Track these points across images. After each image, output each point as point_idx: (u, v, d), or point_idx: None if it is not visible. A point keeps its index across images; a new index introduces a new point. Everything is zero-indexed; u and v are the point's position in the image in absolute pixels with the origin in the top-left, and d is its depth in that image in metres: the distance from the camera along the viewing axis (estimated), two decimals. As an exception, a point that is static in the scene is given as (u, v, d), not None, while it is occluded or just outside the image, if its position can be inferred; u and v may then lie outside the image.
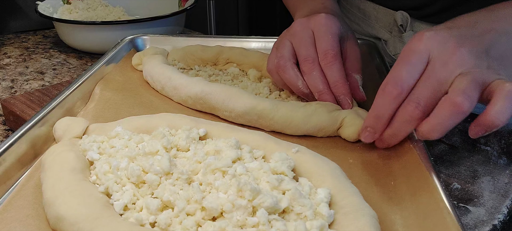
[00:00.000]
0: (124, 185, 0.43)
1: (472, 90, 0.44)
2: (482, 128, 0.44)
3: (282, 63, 0.58)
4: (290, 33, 0.60)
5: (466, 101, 0.43)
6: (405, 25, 0.77)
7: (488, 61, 0.46)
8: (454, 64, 0.45)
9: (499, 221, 0.48)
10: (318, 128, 0.55)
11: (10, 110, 0.68)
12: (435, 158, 0.58)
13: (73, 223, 0.38)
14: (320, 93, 0.57)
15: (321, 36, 0.58)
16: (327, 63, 0.57)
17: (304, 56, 0.58)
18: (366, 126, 0.50)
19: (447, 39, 0.47)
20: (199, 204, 0.40)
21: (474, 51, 0.46)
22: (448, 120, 0.44)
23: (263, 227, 0.37)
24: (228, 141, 0.47)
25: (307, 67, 0.57)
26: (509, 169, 0.56)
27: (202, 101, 0.60)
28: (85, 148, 0.48)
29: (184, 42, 0.77)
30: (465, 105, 0.43)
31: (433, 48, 0.46)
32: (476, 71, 0.45)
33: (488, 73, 0.45)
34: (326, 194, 0.42)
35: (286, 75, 0.58)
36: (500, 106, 0.43)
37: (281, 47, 0.60)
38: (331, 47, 0.57)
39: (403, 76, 0.46)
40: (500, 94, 0.43)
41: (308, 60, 0.57)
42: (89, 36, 0.96)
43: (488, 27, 0.48)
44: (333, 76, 0.56)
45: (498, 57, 0.46)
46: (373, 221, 0.39)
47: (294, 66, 0.58)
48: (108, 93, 0.64)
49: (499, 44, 0.47)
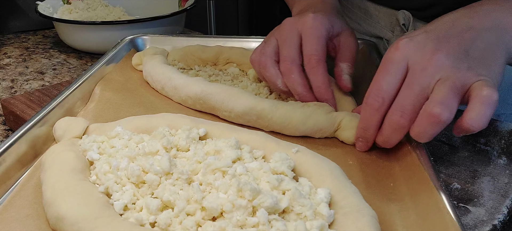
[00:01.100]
0: (124, 185, 0.43)
1: (451, 99, 0.44)
2: (461, 130, 0.45)
3: (263, 60, 0.59)
4: (278, 31, 0.61)
5: (444, 112, 0.43)
6: (407, 24, 0.77)
7: (468, 62, 0.46)
8: (433, 68, 0.45)
9: (499, 221, 0.48)
10: (316, 129, 0.55)
11: (10, 110, 0.68)
12: (435, 158, 0.58)
13: (73, 223, 0.38)
14: (299, 95, 0.57)
15: (306, 39, 0.58)
16: (311, 68, 0.57)
17: (284, 56, 0.58)
18: (358, 137, 0.52)
19: (424, 44, 0.47)
20: (199, 204, 0.40)
21: (452, 52, 0.46)
22: (429, 130, 0.45)
23: (263, 227, 0.37)
24: (228, 141, 0.48)
25: (285, 68, 0.58)
26: (509, 169, 0.56)
27: (202, 102, 0.60)
28: (85, 148, 0.48)
29: (184, 42, 0.77)
30: (443, 116, 0.43)
31: (411, 54, 0.47)
32: (455, 76, 0.45)
33: (468, 75, 0.45)
34: (326, 194, 0.42)
35: (267, 73, 0.59)
36: (475, 112, 0.43)
37: (267, 43, 0.60)
38: (315, 51, 0.57)
39: (383, 87, 0.47)
40: (476, 99, 0.43)
41: (286, 61, 0.57)
42: (89, 36, 0.96)
43: (466, 25, 0.48)
44: (316, 81, 0.57)
45: (479, 55, 0.46)
46: (373, 221, 0.39)
47: (275, 64, 0.59)
48: (108, 93, 0.64)
49: (479, 42, 0.47)
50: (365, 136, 0.51)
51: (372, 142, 0.51)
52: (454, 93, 0.44)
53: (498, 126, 0.65)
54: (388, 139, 0.49)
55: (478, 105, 0.43)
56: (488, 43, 0.47)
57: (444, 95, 0.44)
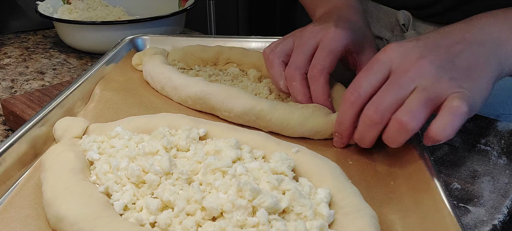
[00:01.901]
0: (124, 185, 0.43)
1: (421, 109, 0.45)
2: (429, 139, 0.45)
3: (271, 57, 0.60)
4: (299, 34, 0.61)
5: (411, 121, 0.44)
6: (407, 24, 0.77)
7: (452, 72, 0.46)
8: (414, 73, 0.46)
9: (499, 221, 0.48)
10: (315, 131, 0.55)
11: (10, 110, 0.68)
12: (435, 158, 0.58)
13: (73, 223, 0.38)
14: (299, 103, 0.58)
15: (319, 49, 0.58)
16: (312, 76, 0.57)
17: (291, 61, 0.59)
18: (334, 131, 0.53)
19: (411, 50, 0.47)
20: (199, 204, 0.40)
21: (437, 61, 0.46)
22: (397, 136, 0.46)
23: (263, 227, 0.37)
24: (228, 141, 0.48)
25: (288, 73, 0.58)
26: (509, 169, 0.56)
27: (202, 102, 0.60)
28: (85, 148, 0.48)
29: (184, 42, 0.77)
30: (411, 125, 0.44)
31: (396, 58, 0.48)
32: (433, 85, 0.45)
33: (447, 85, 0.45)
34: (326, 194, 0.42)
35: (272, 71, 0.60)
36: (441, 122, 0.44)
37: (283, 42, 0.61)
38: (322, 61, 0.57)
39: (361, 83, 0.48)
40: (444, 110, 0.44)
41: (291, 66, 0.58)
42: (89, 36, 0.96)
43: (459, 37, 0.48)
44: (315, 92, 0.57)
45: (465, 67, 0.46)
46: (373, 221, 0.39)
47: (281, 65, 0.59)
48: (108, 93, 0.64)
49: (468, 53, 0.47)
50: (340, 130, 0.52)
51: (347, 138, 0.52)
52: (425, 104, 0.45)
53: (498, 125, 0.65)
54: (362, 135, 0.49)
55: (445, 116, 0.44)
56: (478, 57, 0.47)
57: (415, 105, 0.45)
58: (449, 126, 0.43)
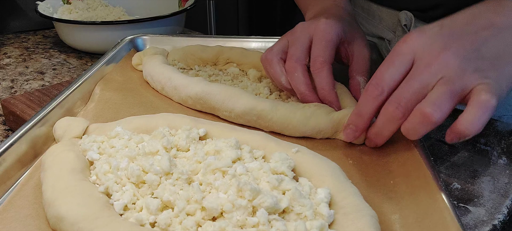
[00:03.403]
0: (124, 185, 0.43)
1: (446, 101, 0.43)
2: (455, 135, 0.44)
3: (269, 57, 0.60)
4: (291, 33, 0.61)
5: (435, 113, 0.43)
6: (409, 25, 0.77)
7: (477, 62, 0.44)
8: (437, 66, 0.44)
9: (499, 221, 0.48)
10: (317, 130, 0.55)
11: (10, 110, 0.68)
12: (435, 158, 0.58)
13: (73, 223, 0.38)
14: (302, 95, 0.57)
15: (316, 42, 0.58)
16: (315, 69, 0.57)
17: (290, 55, 0.58)
18: (349, 123, 0.51)
19: (434, 40, 0.46)
20: (199, 204, 0.40)
21: (462, 52, 0.44)
22: (419, 128, 0.45)
23: (263, 227, 0.37)
24: (228, 141, 0.47)
25: (289, 66, 0.58)
26: (509, 169, 0.56)
27: (202, 101, 0.60)
28: (85, 148, 0.48)
29: (184, 42, 0.77)
30: (434, 117, 0.43)
31: (418, 49, 0.46)
32: (458, 78, 0.44)
33: (472, 77, 0.44)
34: (326, 194, 0.42)
35: (271, 69, 0.60)
36: (471, 116, 0.42)
37: (277, 43, 0.61)
38: (322, 53, 0.57)
39: (384, 77, 0.47)
40: (473, 104, 0.43)
41: (291, 59, 0.58)
42: (89, 36, 0.96)
43: (487, 22, 0.46)
44: (320, 83, 0.57)
45: (492, 55, 0.45)
46: (373, 221, 0.39)
47: (280, 62, 0.59)
48: (108, 93, 0.64)
49: (496, 41, 0.45)
50: (356, 122, 0.50)
51: (361, 131, 0.51)
52: (450, 96, 0.43)
53: (498, 126, 0.65)
54: (380, 131, 0.49)
55: (474, 110, 0.42)
56: (506, 44, 0.45)
57: (439, 96, 0.44)
58: (478, 120, 0.42)
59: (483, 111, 0.42)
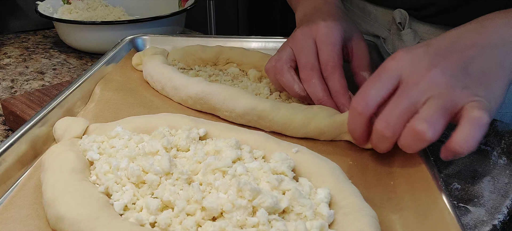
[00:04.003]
0: (124, 185, 0.43)
1: (438, 118, 0.43)
2: (449, 153, 0.44)
3: (278, 66, 0.59)
4: (292, 41, 0.61)
5: (429, 131, 0.43)
6: (403, 23, 0.77)
7: (465, 80, 0.44)
8: (426, 84, 0.44)
9: (499, 221, 0.48)
10: (318, 132, 0.55)
11: (10, 110, 0.68)
12: (435, 158, 0.58)
13: (73, 223, 0.38)
14: (320, 101, 0.58)
15: (322, 47, 0.58)
16: (328, 74, 0.58)
17: (304, 63, 0.58)
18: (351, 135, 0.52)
19: (421, 58, 0.46)
20: (199, 204, 0.40)
21: (449, 70, 0.44)
22: (413, 145, 0.44)
23: (263, 227, 0.37)
24: (228, 141, 0.47)
25: (306, 74, 0.58)
26: (509, 169, 0.56)
27: (202, 102, 0.60)
28: (85, 148, 0.48)
29: (184, 42, 0.77)
30: (428, 134, 0.43)
31: (405, 67, 0.46)
32: (447, 94, 0.43)
33: (461, 94, 0.43)
34: (326, 194, 0.42)
35: (283, 79, 0.59)
36: (464, 134, 0.42)
37: (282, 52, 0.61)
38: (331, 57, 0.57)
39: (369, 91, 0.47)
40: (465, 121, 0.42)
41: (307, 67, 0.58)
42: (89, 36, 0.96)
43: (471, 41, 0.46)
44: (334, 87, 0.57)
45: (478, 74, 0.45)
46: (373, 221, 0.39)
47: (290, 70, 0.59)
48: (108, 93, 0.64)
49: (481, 60, 0.45)
50: (354, 137, 0.51)
51: (364, 142, 0.51)
52: (442, 113, 0.43)
53: (498, 126, 0.65)
54: (376, 146, 0.49)
55: (467, 127, 0.42)
56: (491, 62, 0.45)
57: (431, 113, 0.43)
58: (471, 138, 0.42)
59: (476, 129, 0.42)
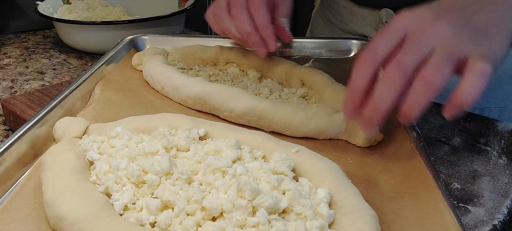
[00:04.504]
0: (124, 185, 0.43)
1: (445, 65, 0.43)
2: (454, 107, 0.44)
3: (218, 13, 0.65)
4: None
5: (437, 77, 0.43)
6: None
7: (469, 32, 0.45)
8: (432, 32, 0.45)
9: (499, 221, 0.48)
10: (318, 131, 0.55)
11: (10, 110, 0.68)
12: (435, 158, 0.58)
13: (73, 223, 0.38)
14: (247, 34, 0.64)
15: None
16: (254, 9, 0.63)
17: (234, 2, 0.64)
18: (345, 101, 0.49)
19: (424, 14, 0.46)
20: (199, 204, 0.40)
21: (452, 22, 0.45)
22: (421, 97, 0.44)
23: (263, 227, 0.37)
24: (228, 141, 0.47)
25: (236, 12, 0.64)
26: (509, 169, 0.56)
27: (202, 102, 0.60)
28: (85, 148, 0.48)
29: (184, 42, 0.77)
30: (436, 80, 0.43)
31: (410, 22, 0.47)
32: (453, 44, 0.44)
33: (467, 45, 0.44)
34: (326, 194, 0.42)
35: (222, 23, 0.65)
36: (469, 85, 0.43)
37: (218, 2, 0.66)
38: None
39: (377, 45, 0.46)
40: (470, 72, 0.43)
41: (236, 6, 0.64)
42: (89, 36, 0.96)
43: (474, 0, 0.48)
44: (259, 21, 0.63)
45: (482, 26, 0.46)
46: (373, 221, 0.39)
47: (228, 15, 0.65)
48: (108, 93, 0.64)
49: (483, 13, 0.46)
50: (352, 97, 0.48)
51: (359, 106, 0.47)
52: (448, 62, 0.44)
53: (498, 125, 0.65)
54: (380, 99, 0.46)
55: (472, 78, 0.43)
56: (493, 16, 0.46)
57: (438, 61, 0.43)
58: (476, 88, 0.42)
59: (480, 79, 0.43)
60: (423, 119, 0.67)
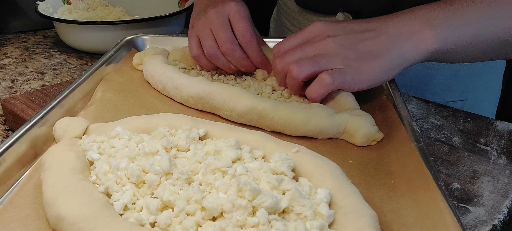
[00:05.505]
0: (124, 185, 0.43)
1: (308, 66, 0.56)
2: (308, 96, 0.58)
3: (212, 52, 0.66)
4: (208, 21, 0.66)
5: (295, 69, 0.56)
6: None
7: (349, 52, 0.56)
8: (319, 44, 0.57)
9: (499, 221, 0.48)
10: (318, 130, 0.55)
11: (10, 110, 0.68)
12: (435, 158, 0.58)
13: (73, 223, 0.38)
14: (246, 68, 0.67)
15: (237, 22, 0.65)
16: (246, 43, 0.65)
17: (224, 39, 0.65)
18: None
19: (327, 28, 0.58)
20: (199, 204, 0.40)
21: (341, 41, 0.57)
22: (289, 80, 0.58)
23: (263, 227, 0.37)
24: (228, 141, 0.48)
25: (228, 48, 0.65)
26: (509, 169, 0.56)
27: (203, 101, 0.60)
28: (85, 148, 0.48)
29: (184, 42, 0.77)
30: (293, 71, 0.56)
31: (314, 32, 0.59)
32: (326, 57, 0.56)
33: (337, 61, 0.56)
34: (326, 194, 0.42)
35: (219, 63, 0.67)
36: (311, 87, 0.56)
37: (205, 37, 0.66)
38: (247, 29, 0.65)
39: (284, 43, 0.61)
40: (316, 79, 0.56)
41: (227, 42, 0.65)
42: (89, 36, 0.96)
43: (372, 27, 0.57)
44: (253, 54, 0.66)
45: (364, 51, 0.56)
46: (373, 221, 0.39)
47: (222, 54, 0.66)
48: (109, 93, 0.64)
49: (372, 41, 0.56)
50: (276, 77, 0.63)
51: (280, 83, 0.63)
52: (312, 64, 0.56)
53: (498, 125, 0.65)
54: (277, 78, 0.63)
55: (314, 83, 0.56)
56: (381, 46, 0.56)
57: (305, 61, 0.56)
58: (315, 91, 0.56)
59: (318, 85, 0.56)
60: (423, 118, 0.67)
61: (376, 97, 0.64)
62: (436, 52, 0.55)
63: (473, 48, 0.56)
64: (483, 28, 0.55)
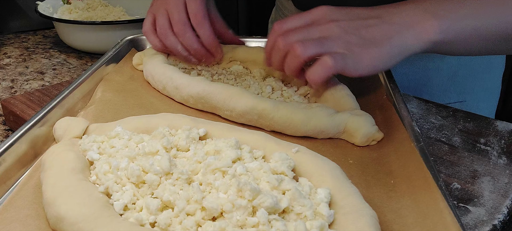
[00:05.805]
0: (124, 185, 0.43)
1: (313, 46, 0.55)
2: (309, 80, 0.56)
3: (163, 31, 0.66)
4: (165, 1, 0.67)
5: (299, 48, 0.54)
6: None
7: (351, 37, 0.55)
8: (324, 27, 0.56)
9: (499, 221, 0.48)
10: (318, 130, 0.55)
11: (10, 110, 0.68)
12: (435, 158, 0.58)
13: (73, 223, 0.38)
14: (195, 51, 0.66)
15: (190, 2, 0.66)
16: (197, 23, 0.65)
17: (176, 19, 0.65)
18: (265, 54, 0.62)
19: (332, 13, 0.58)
20: (199, 204, 0.40)
21: (344, 26, 0.56)
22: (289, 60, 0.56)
23: (263, 227, 0.37)
24: (228, 141, 0.47)
25: (179, 29, 0.65)
26: (509, 169, 0.56)
27: (203, 101, 0.60)
28: (85, 148, 0.48)
29: (184, 42, 0.77)
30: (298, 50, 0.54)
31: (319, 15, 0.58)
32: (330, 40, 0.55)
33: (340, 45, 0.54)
34: (326, 194, 0.42)
35: (167, 42, 0.67)
36: (312, 69, 0.55)
37: (160, 15, 0.67)
38: (199, 9, 0.65)
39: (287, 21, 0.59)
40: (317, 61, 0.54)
41: (179, 23, 0.65)
42: (89, 36, 0.96)
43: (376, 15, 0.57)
44: (204, 35, 0.66)
45: (367, 37, 0.55)
46: (373, 221, 0.39)
47: (172, 33, 0.66)
48: (109, 93, 0.64)
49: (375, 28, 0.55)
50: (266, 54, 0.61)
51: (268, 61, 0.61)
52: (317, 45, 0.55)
53: (498, 125, 0.65)
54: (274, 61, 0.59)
55: (315, 65, 0.54)
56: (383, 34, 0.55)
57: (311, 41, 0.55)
58: (316, 73, 0.54)
59: (320, 67, 0.54)
60: (423, 118, 0.67)
61: (376, 97, 0.64)
62: (438, 43, 0.55)
63: (475, 41, 0.56)
64: (486, 22, 0.55)
